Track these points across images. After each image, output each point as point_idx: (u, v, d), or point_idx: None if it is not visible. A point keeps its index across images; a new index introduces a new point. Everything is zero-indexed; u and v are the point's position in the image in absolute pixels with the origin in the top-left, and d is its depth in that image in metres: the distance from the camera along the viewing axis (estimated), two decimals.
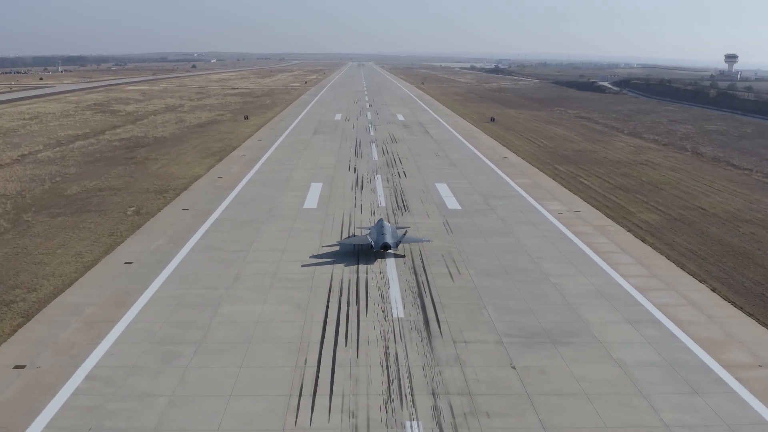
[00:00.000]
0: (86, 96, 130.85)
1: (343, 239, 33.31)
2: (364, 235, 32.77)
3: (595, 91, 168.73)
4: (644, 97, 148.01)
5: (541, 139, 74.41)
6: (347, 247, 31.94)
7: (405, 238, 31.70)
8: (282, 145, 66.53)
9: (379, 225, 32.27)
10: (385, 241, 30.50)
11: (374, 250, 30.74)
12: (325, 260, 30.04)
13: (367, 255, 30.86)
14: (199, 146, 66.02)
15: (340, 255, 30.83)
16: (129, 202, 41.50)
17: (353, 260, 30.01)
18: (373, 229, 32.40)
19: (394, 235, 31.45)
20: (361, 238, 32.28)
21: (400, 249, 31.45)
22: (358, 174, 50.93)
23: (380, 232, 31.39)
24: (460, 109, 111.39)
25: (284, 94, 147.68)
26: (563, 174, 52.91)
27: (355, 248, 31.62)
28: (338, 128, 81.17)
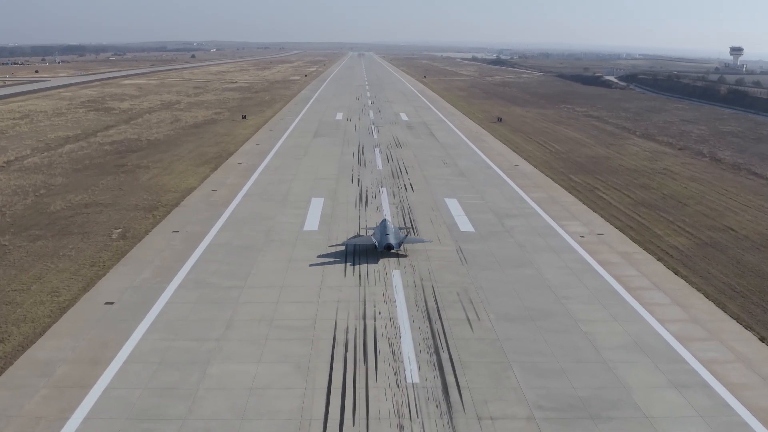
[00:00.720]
0: (81, 91, 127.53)
1: (349, 239, 34.73)
2: (368, 235, 34.29)
3: (601, 86, 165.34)
4: (652, 93, 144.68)
5: (552, 143, 71.22)
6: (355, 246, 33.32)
7: (407, 238, 33.46)
8: (281, 150, 63.40)
9: (383, 225, 34.01)
10: (388, 242, 32.17)
11: (378, 250, 32.43)
12: (328, 298, 27.05)
13: (372, 254, 32.57)
14: (193, 151, 62.85)
15: (345, 288, 27.85)
16: (115, 222, 38.42)
17: (359, 299, 27.00)
18: (377, 229, 34.14)
19: (397, 236, 33.14)
20: (366, 238, 34.01)
21: (403, 248, 29.83)
22: (362, 186, 47.82)
23: (384, 232, 33.08)
24: (465, 107, 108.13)
25: (284, 89, 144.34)
26: (579, 186, 49.79)
27: (359, 248, 33.44)
28: (340, 129, 77.98)
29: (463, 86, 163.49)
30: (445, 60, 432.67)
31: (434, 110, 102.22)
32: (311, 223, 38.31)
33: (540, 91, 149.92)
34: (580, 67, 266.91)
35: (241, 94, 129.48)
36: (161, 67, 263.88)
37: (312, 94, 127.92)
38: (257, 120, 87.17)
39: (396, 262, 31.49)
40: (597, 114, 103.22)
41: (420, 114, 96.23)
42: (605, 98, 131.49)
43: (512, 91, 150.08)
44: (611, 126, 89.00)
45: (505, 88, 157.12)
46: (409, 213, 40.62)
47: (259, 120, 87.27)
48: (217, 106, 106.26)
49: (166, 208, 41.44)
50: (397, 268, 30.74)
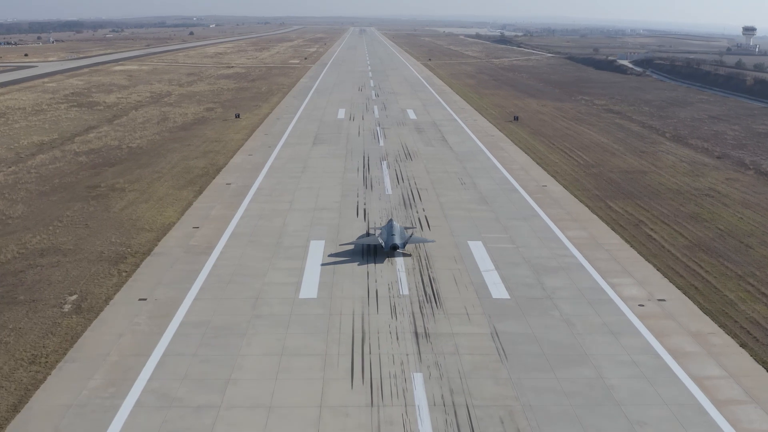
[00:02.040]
0: (66, 81, 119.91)
1: (358, 239, 36.97)
2: (375, 236, 36.35)
3: (615, 71, 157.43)
4: (670, 81, 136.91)
5: (578, 151, 63.99)
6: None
7: (412, 238, 35.58)
8: (276, 164, 56.31)
9: (389, 226, 36.33)
10: (394, 242, 34.56)
11: (384, 250, 34.73)
12: (330, 428, 20.25)
13: (379, 254, 34.90)
14: (177, 165, 55.71)
15: (352, 411, 21.00)
16: (73, 281, 31.49)
17: (371, 427, 20.20)
18: (384, 229, 36.35)
19: (402, 236, 35.54)
20: (373, 238, 36.22)
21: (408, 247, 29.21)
22: (369, 223, 40.68)
23: (390, 233, 35.38)
24: (476, 100, 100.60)
25: (282, 76, 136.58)
26: (622, 218, 42.71)
27: (369, 248, 35.72)
28: (342, 133, 70.70)
29: (471, 71, 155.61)
30: (449, 38, 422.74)
31: (443, 105, 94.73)
32: (309, 284, 31.33)
33: (553, 77, 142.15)
34: (589, 47, 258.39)
35: (236, 83, 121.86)
36: (157, 47, 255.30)
37: (312, 84, 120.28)
38: (251, 120, 79.84)
39: (417, 358, 24.54)
40: (618, 109, 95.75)
41: (429, 110, 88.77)
42: (622, 87, 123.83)
43: (523, 77, 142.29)
44: (637, 125, 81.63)
45: (515, 74, 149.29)
46: (428, 269, 33.49)
47: (253, 120, 79.94)
48: (209, 100, 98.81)
49: (136, 259, 34.40)
50: (419, 369, 23.78)
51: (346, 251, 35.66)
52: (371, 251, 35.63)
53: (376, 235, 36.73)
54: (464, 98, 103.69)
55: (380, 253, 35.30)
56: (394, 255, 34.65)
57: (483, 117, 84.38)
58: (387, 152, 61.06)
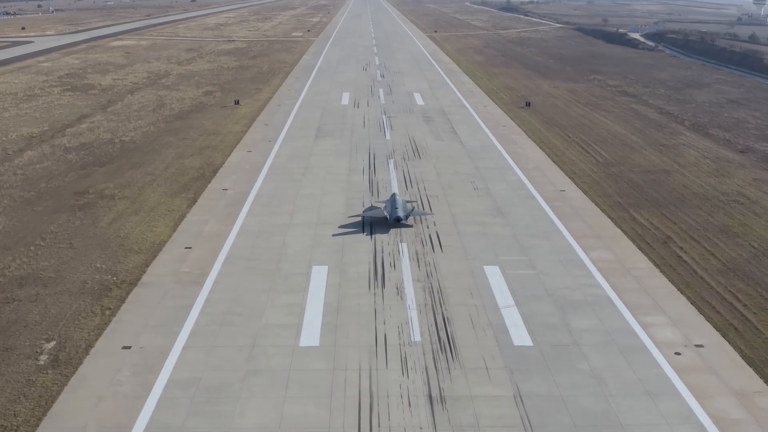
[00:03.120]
0: (62, 60, 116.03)
1: (365, 211, 41.16)
2: (381, 208, 40.44)
3: (626, 45, 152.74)
4: (684, 57, 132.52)
5: (595, 145, 60.60)
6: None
7: (413, 211, 40.21)
8: (276, 162, 53.36)
9: (393, 200, 40.48)
10: (397, 215, 38.80)
11: (389, 222, 38.91)
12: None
13: (383, 225, 39.08)
14: (172, 166, 52.59)
15: None
16: (51, 322, 28.72)
17: None
18: (388, 203, 40.48)
19: (405, 209, 39.73)
20: (378, 210, 40.23)
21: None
22: (376, 242, 37.68)
23: (393, 206, 39.53)
24: (485, 81, 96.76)
25: (284, 51, 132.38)
26: (648, 234, 39.63)
27: (374, 220, 39.78)
28: (346, 123, 67.32)
29: (478, 45, 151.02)
30: (454, 4, 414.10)
31: (452, 87, 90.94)
32: (311, 327, 28.49)
33: (563, 52, 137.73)
34: (597, 15, 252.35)
35: (236, 61, 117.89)
36: (157, 17, 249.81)
37: (315, 61, 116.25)
38: (251, 106, 76.35)
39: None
40: (633, 91, 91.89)
41: (436, 94, 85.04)
42: (635, 64, 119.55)
43: (532, 52, 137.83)
44: (654, 111, 77.98)
45: (523, 49, 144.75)
46: (441, 303, 30.53)
47: (253, 106, 76.45)
48: (208, 81, 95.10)
49: (122, 290, 31.49)
50: None
51: (353, 260, 35.38)
52: (377, 284, 32.52)
53: (381, 208, 40.61)
54: (473, 78, 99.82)
55: (389, 276, 32.30)
56: (397, 226, 39.09)
57: (493, 102, 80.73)
58: (394, 148, 57.71)
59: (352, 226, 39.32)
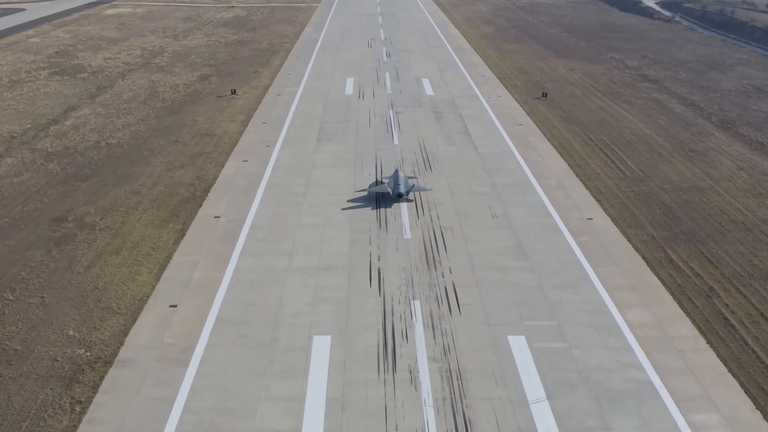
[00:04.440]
0: (53, 35, 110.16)
1: (370, 186, 45.85)
2: (384, 184, 45.09)
3: (641, 14, 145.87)
4: (702, 31, 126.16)
5: (620, 151, 56.12)
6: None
7: (414, 188, 44.49)
8: (274, 177, 49.46)
9: (395, 176, 44.93)
10: (399, 191, 43.33)
11: (392, 197, 43.34)
12: None
13: (387, 200, 43.61)
14: (160, 181, 48.40)
15: None
16: (11, 425, 24.40)
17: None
18: (391, 179, 45.11)
19: (406, 185, 44.09)
20: (382, 186, 44.78)
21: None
22: (385, 296, 33.54)
23: (396, 182, 44.01)
24: (497, 62, 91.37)
25: (286, 22, 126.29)
26: (688, 282, 35.64)
27: (378, 195, 44.28)
28: (350, 120, 62.73)
29: (488, 13, 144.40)
30: None
31: (462, 70, 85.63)
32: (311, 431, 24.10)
33: (576, 23, 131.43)
34: None
35: (235, 34, 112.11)
36: None
37: (317, 35, 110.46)
38: (249, 96, 71.49)
39: None
40: (653, 74, 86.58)
41: (446, 80, 79.92)
42: (652, 39, 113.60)
43: (544, 23, 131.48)
44: (677, 102, 73.05)
45: (535, 18, 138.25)
46: (461, 395, 26.42)
47: (251, 96, 71.61)
48: (204, 62, 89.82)
49: (95, 373, 27.71)
50: None
51: (359, 325, 31.76)
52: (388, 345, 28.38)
53: (385, 184, 45.28)
54: (484, 58, 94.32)
55: (400, 352, 28.16)
56: (399, 201, 43.57)
57: (507, 91, 75.65)
58: (403, 156, 53.13)
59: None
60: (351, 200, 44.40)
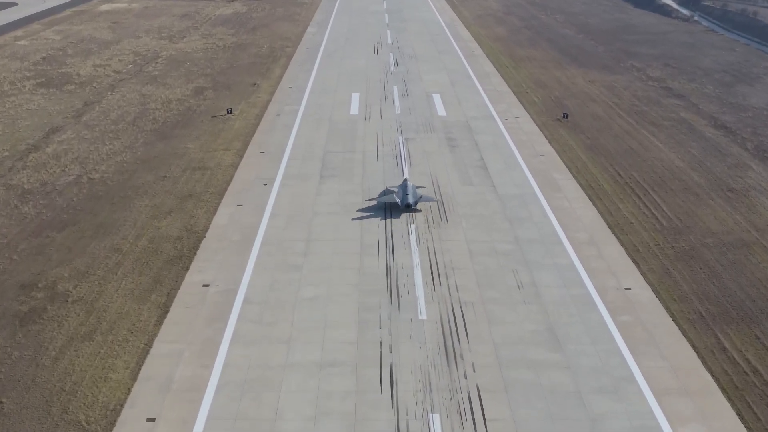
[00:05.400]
0: (42, 36, 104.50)
1: (379, 196, 47.28)
2: (393, 194, 46.19)
3: (657, 11, 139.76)
4: (723, 32, 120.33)
5: (652, 192, 51.39)
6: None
7: (422, 198, 45.75)
8: (272, 228, 44.36)
9: (404, 185, 46.33)
10: (408, 202, 44.74)
11: (400, 207, 44.87)
12: None
13: (395, 209, 45.15)
14: (145, 232, 43.55)
15: None
16: None
17: None
18: (400, 188, 46.38)
19: (415, 195, 45.44)
20: (390, 196, 45.92)
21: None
22: (397, 405, 28.29)
23: (405, 192, 45.37)
24: (512, 73, 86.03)
25: (287, 20, 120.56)
26: (746, 382, 31.13)
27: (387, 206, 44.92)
28: (357, 151, 57.75)
29: (498, 10, 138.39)
30: None
31: (475, 82, 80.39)
32: None
33: (591, 22, 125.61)
34: None
35: (234, 35, 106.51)
36: None
37: (320, 38, 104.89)
38: (246, 117, 66.39)
39: None
40: (678, 88, 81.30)
41: (459, 95, 74.66)
42: (673, 43, 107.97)
43: (557, 22, 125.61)
44: (707, 123, 68.05)
45: (548, 16, 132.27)
46: None
47: (249, 116, 66.51)
48: (200, 71, 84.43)
49: None
50: None
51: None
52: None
53: (394, 193, 46.09)
54: (497, 66, 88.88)
55: None
56: (408, 211, 44.75)
57: (524, 109, 70.29)
58: (415, 213, 47.70)
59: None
60: (360, 210, 46.26)
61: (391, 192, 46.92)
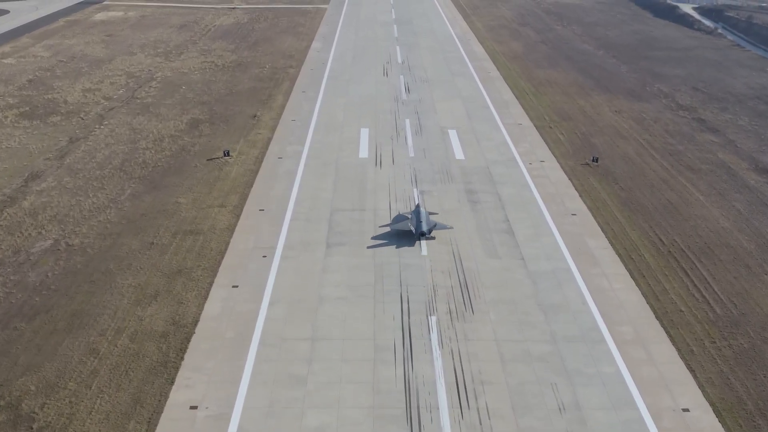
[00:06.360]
0: (30, 53, 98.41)
1: (392, 222, 47.34)
2: (406, 221, 45.68)
3: (679, 23, 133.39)
4: (750, 47, 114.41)
5: (699, 265, 46.32)
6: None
7: (436, 226, 45.09)
8: (271, 320, 38.61)
9: (417, 212, 45.81)
10: (422, 230, 44.27)
11: (414, 235, 44.26)
12: None
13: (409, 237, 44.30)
14: (125, 326, 38.34)
15: None
16: None
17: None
18: (413, 215, 45.86)
19: (429, 223, 45.04)
20: (404, 224, 45.47)
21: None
22: None
23: (418, 219, 44.71)
24: (533, 102, 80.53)
25: (291, 33, 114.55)
26: None
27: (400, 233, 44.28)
28: (366, 209, 52.11)
29: (512, 20, 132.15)
30: None
31: (493, 114, 75.04)
32: None
33: (610, 35, 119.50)
34: None
35: (234, 52, 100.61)
36: None
37: (326, 55, 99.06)
38: (245, 160, 60.90)
39: None
40: (711, 119, 75.64)
41: (477, 132, 69.04)
42: (699, 61, 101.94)
43: (576, 35, 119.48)
44: (749, 168, 62.74)
45: (565, 29, 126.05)
46: None
47: (247, 160, 61.03)
48: (197, 97, 78.86)
49: None
50: None
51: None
52: None
53: (407, 220, 45.53)
54: (516, 92, 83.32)
55: None
56: (421, 239, 44.20)
57: (549, 150, 64.63)
58: (435, 283, 42.26)
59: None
60: (375, 237, 46.77)
61: (404, 218, 46.67)
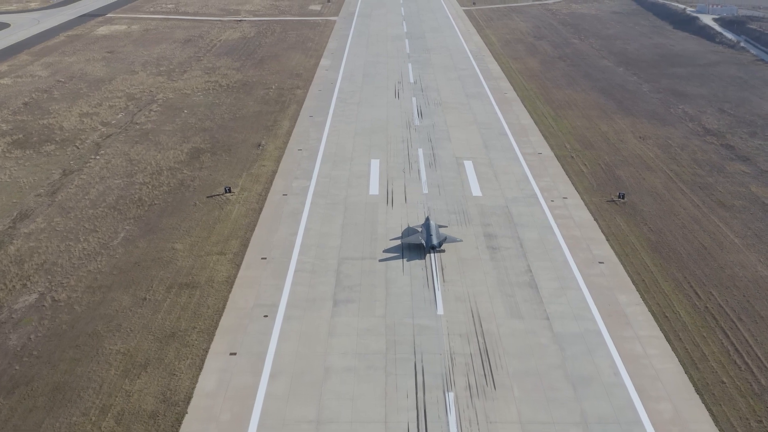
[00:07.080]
0: (28, 72, 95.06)
1: (403, 234, 48.24)
2: (416, 234, 46.73)
3: (699, 35, 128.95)
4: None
5: (739, 323, 42.56)
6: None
7: (447, 239, 46.02)
8: (270, 407, 35.24)
9: (427, 225, 47.06)
10: (432, 243, 45.48)
11: (425, 248, 45.57)
12: None
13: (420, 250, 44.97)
14: (111, 405, 34.93)
15: None
16: None
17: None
18: (423, 228, 47.12)
19: (439, 236, 46.14)
20: (415, 237, 46.52)
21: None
22: None
23: (428, 233, 46.01)
24: (552, 126, 76.32)
25: (299, 49, 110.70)
26: None
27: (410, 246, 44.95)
28: (376, 257, 47.52)
29: (528, 33, 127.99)
30: None
31: (512, 142, 70.86)
32: None
33: (629, 49, 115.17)
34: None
35: (239, 70, 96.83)
36: None
37: (335, 75, 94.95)
38: (248, 199, 56.99)
39: None
40: (741, 146, 71.62)
41: (494, 164, 65.15)
42: (722, 80, 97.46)
43: (594, 50, 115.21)
44: None
45: (582, 41, 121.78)
46: None
47: (250, 198, 57.14)
48: (198, 123, 75.16)
49: None
50: None
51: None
52: None
53: (417, 233, 47.14)
54: (534, 116, 79.23)
55: None
56: (432, 252, 45.68)
57: (572, 185, 60.43)
58: (452, 350, 38.28)
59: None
60: (386, 251, 47.82)
61: (414, 231, 47.82)
